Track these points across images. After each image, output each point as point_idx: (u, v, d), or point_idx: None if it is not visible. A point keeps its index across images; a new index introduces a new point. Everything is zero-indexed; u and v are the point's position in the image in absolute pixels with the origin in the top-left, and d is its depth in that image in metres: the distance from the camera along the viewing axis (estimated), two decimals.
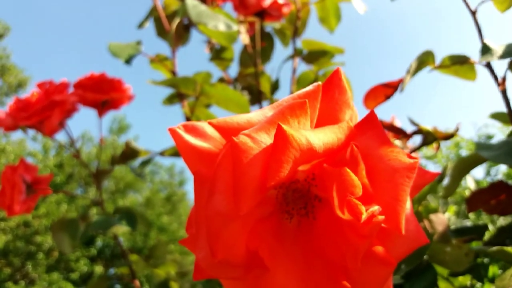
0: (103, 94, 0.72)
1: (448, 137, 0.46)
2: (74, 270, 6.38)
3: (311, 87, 0.23)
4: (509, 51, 0.40)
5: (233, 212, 0.20)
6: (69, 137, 0.74)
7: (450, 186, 0.45)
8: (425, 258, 0.44)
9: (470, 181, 0.75)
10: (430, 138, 0.47)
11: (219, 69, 0.88)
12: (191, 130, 0.23)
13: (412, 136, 0.50)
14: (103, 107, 0.74)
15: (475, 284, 0.55)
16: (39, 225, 6.33)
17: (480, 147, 0.40)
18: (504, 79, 0.44)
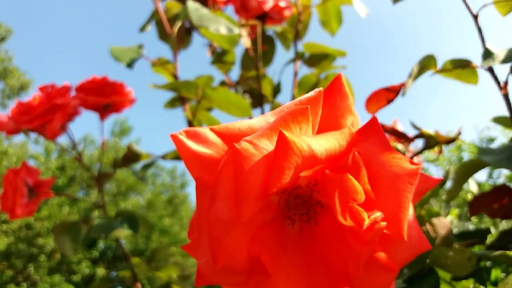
0: (105, 98, 0.72)
1: (450, 141, 0.46)
2: (76, 272, 6.39)
3: (312, 93, 0.23)
4: (511, 55, 0.40)
5: (234, 218, 0.20)
6: (71, 140, 0.75)
7: (452, 190, 0.45)
8: (427, 262, 0.44)
9: (473, 184, 0.75)
10: (432, 142, 0.47)
11: (221, 72, 0.88)
12: (193, 136, 0.23)
13: (414, 140, 0.50)
14: (105, 110, 0.74)
15: None
16: (41, 227, 6.34)
17: (482, 152, 0.40)
18: (506, 83, 0.44)
